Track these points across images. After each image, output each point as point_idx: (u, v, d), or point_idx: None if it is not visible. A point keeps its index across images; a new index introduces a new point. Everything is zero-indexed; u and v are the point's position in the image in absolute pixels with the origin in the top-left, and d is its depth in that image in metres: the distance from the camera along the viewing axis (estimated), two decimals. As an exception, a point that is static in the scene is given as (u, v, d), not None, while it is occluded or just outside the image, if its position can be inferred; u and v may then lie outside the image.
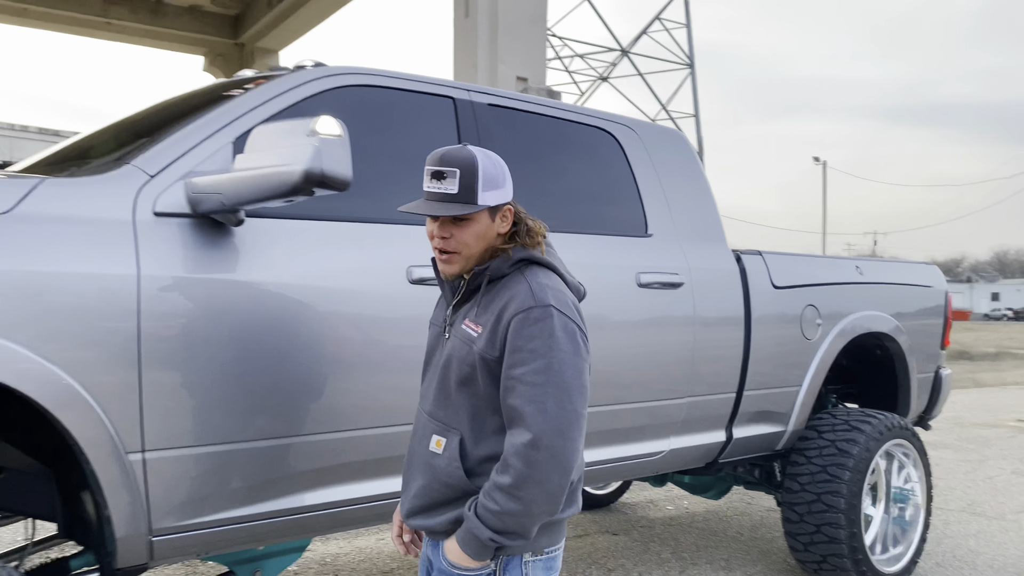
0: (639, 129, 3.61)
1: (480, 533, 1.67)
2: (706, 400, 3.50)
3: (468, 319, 1.79)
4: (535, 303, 1.70)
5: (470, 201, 1.73)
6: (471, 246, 1.77)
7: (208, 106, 2.51)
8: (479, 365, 1.73)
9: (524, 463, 1.63)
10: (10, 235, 1.92)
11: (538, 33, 8.18)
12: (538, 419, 1.64)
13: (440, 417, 1.82)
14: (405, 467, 1.93)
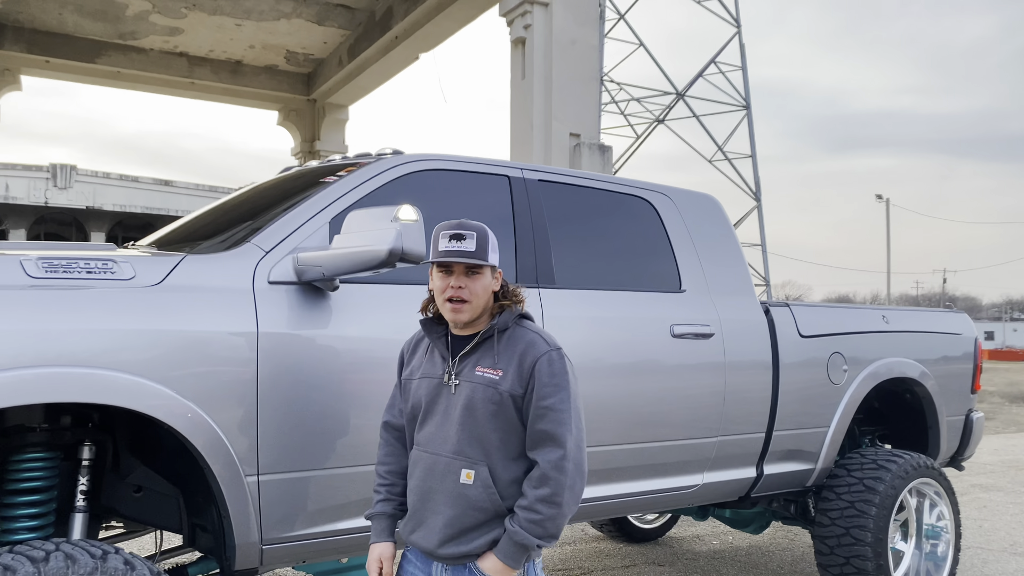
0: (673, 196, 4.05)
1: (528, 542, 2.06)
2: (737, 439, 3.87)
3: (482, 366, 2.16)
4: (550, 348, 2.15)
5: (483, 258, 2.15)
6: (480, 296, 2.16)
7: (307, 190, 3.05)
8: (507, 401, 2.12)
9: (560, 474, 2.06)
10: (161, 301, 2.46)
11: (590, 92, 8.70)
12: (567, 438, 2.09)
13: (467, 454, 2.13)
14: (418, 505, 2.20)
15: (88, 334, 2.32)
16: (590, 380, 3.35)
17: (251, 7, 12.10)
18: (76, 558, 2.19)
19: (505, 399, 2.11)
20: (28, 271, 2.35)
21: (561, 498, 2.06)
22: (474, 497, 2.12)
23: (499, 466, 2.13)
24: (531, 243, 3.39)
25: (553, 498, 2.06)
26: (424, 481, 2.20)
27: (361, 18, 12.59)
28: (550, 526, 2.07)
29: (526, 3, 8.56)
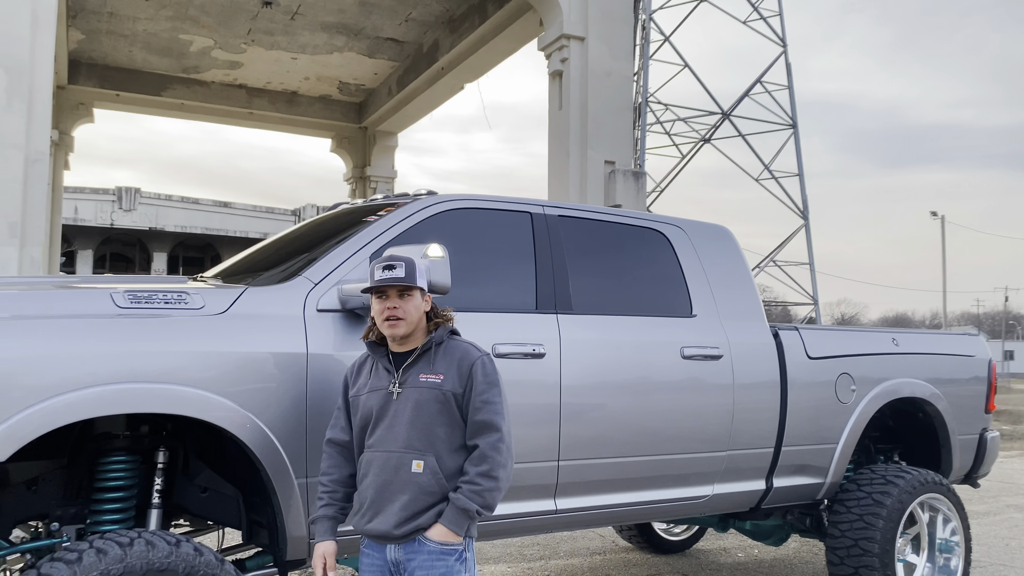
0: (686, 227, 4.38)
1: (469, 508, 2.49)
2: (745, 453, 4.16)
3: (424, 373, 2.61)
4: (482, 354, 2.67)
5: (412, 282, 2.61)
6: (412, 313, 2.62)
7: (351, 227, 3.48)
8: (450, 399, 2.59)
9: (497, 453, 2.53)
10: (226, 327, 2.90)
11: (624, 121, 9.05)
12: (502, 426, 2.58)
13: (416, 447, 2.56)
14: (375, 497, 2.57)
15: (165, 355, 2.76)
16: (603, 397, 3.70)
17: (306, 42, 12.77)
18: (155, 544, 2.62)
19: (448, 397, 2.59)
20: (117, 302, 2.81)
21: (498, 473, 2.52)
22: (424, 483, 2.54)
23: (444, 456, 2.58)
24: (550, 273, 3.76)
25: (491, 472, 2.52)
26: (379, 476, 2.59)
27: (409, 50, 13.17)
28: (488, 496, 2.51)
29: (563, 38, 8.98)
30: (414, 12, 11.73)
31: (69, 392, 2.59)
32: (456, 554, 2.53)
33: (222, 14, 11.78)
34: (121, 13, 11.81)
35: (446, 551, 2.51)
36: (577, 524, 3.85)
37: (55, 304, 2.77)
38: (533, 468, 3.51)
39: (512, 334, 3.51)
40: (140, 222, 41.62)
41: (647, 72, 26.92)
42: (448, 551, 2.52)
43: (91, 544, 2.55)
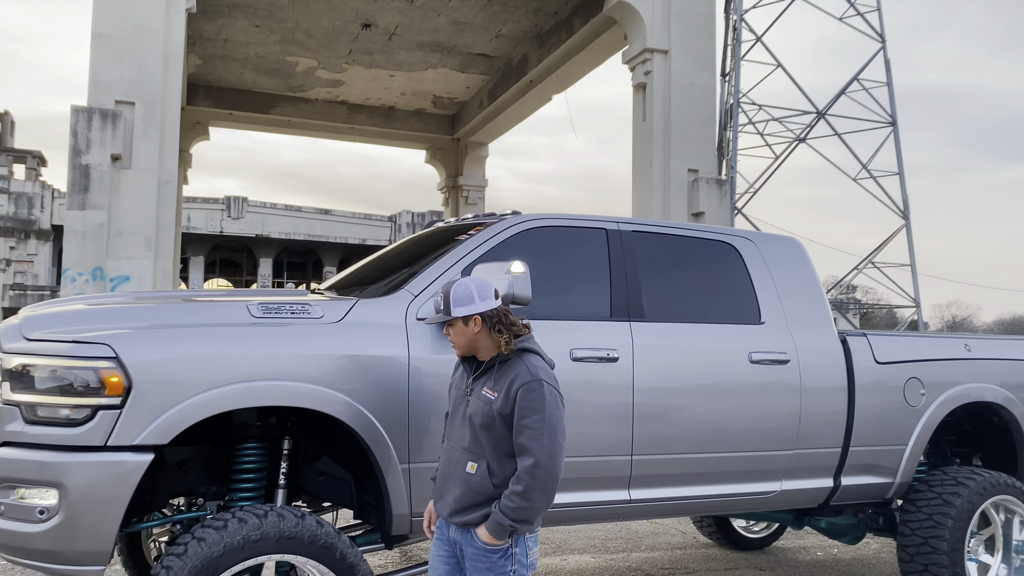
0: (757, 240, 4.66)
1: (503, 522, 2.76)
2: (812, 452, 4.41)
3: (486, 387, 2.83)
4: (531, 378, 2.76)
5: (448, 314, 2.89)
6: (458, 340, 2.91)
7: (445, 245, 3.94)
8: (497, 418, 2.77)
9: (531, 477, 2.71)
10: (341, 334, 3.40)
11: (708, 130, 9.27)
12: (538, 450, 2.70)
13: (472, 450, 2.84)
14: (439, 483, 2.93)
15: (291, 358, 3.27)
16: (673, 397, 4.04)
17: (403, 60, 13.47)
18: (285, 516, 3.13)
19: (496, 415, 2.79)
20: (252, 312, 3.35)
21: (530, 495, 2.70)
22: (474, 483, 2.83)
23: (494, 463, 2.83)
24: (624, 283, 4.13)
25: (524, 494, 2.71)
26: (445, 466, 2.96)
27: (500, 65, 13.69)
28: (521, 513, 2.73)
29: (646, 52, 9.28)
30: (504, 29, 12.23)
31: (214, 388, 3.12)
32: (500, 552, 2.82)
33: (325, 37, 12.58)
34: (234, 39, 12.77)
35: (491, 549, 2.82)
36: (650, 514, 4.19)
37: (203, 314, 3.34)
38: (607, 461, 3.88)
39: (588, 340, 3.89)
40: (247, 229, 43.88)
41: (738, 73, 26.66)
42: (493, 550, 2.82)
43: (234, 515, 3.09)
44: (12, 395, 3.08)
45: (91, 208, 7.05)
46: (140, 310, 3.36)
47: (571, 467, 3.81)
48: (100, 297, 3.80)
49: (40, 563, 3.03)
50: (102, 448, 2.97)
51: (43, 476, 2.95)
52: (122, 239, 7.17)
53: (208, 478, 3.66)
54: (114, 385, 2.99)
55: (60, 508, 2.93)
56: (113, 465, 2.97)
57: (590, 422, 3.84)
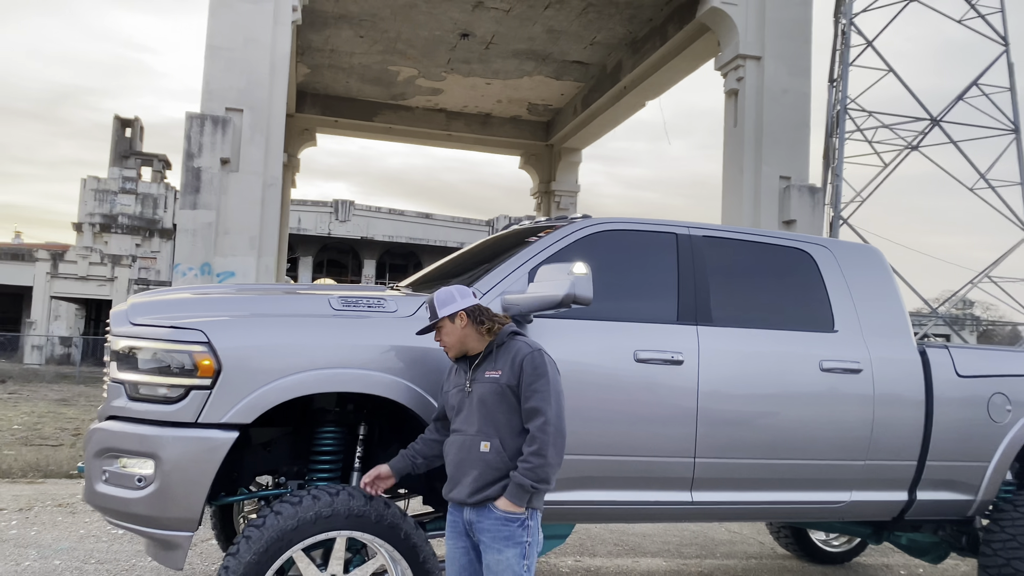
0: (833, 247, 4.62)
1: (524, 483, 2.96)
2: (885, 464, 4.33)
3: (488, 371, 3.13)
4: (532, 349, 3.12)
5: (435, 317, 3.21)
6: (449, 340, 3.22)
7: (515, 247, 4.10)
8: (506, 390, 3.08)
9: (543, 434, 2.96)
10: (413, 327, 3.60)
11: (801, 137, 9.10)
12: (547, 409, 3.01)
13: (485, 432, 3.08)
14: (453, 472, 3.15)
15: (367, 348, 3.50)
16: (739, 402, 4.06)
17: (499, 68, 13.75)
18: (354, 496, 3.35)
19: (504, 389, 3.10)
20: (332, 305, 3.60)
21: (546, 451, 2.97)
22: (491, 460, 3.07)
23: (507, 438, 3.09)
24: (692, 287, 4.18)
25: (539, 451, 2.97)
26: (458, 454, 3.16)
27: (594, 72, 13.79)
28: (539, 472, 2.97)
29: (739, 58, 9.20)
30: (598, 36, 12.33)
31: (294, 374, 3.38)
32: (518, 522, 3.02)
33: (425, 47, 13.00)
34: (340, 49, 13.36)
35: (509, 518, 3.02)
36: (712, 516, 4.23)
37: (288, 305, 3.61)
38: (669, 462, 3.94)
39: (653, 342, 3.96)
40: (353, 232, 45.43)
41: (846, 79, 25.81)
42: (511, 518, 3.02)
43: (309, 492, 3.33)
44: (118, 374, 3.43)
45: (201, 208, 7.59)
46: (233, 300, 3.66)
47: (633, 466, 3.90)
48: (204, 287, 4.14)
49: (137, 526, 3.36)
50: (193, 424, 3.27)
51: (142, 448, 3.27)
52: (228, 237, 7.68)
53: (290, 458, 3.93)
54: (205, 367, 3.28)
55: (156, 477, 3.24)
56: (202, 440, 3.26)
57: (652, 423, 3.91)
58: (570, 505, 3.85)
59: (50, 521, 6.26)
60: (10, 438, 11.67)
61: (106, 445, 3.35)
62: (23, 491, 7.47)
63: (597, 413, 3.83)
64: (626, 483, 3.92)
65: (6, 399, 18.59)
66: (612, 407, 3.86)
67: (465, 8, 11.57)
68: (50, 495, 7.30)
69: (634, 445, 3.89)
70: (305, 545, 3.29)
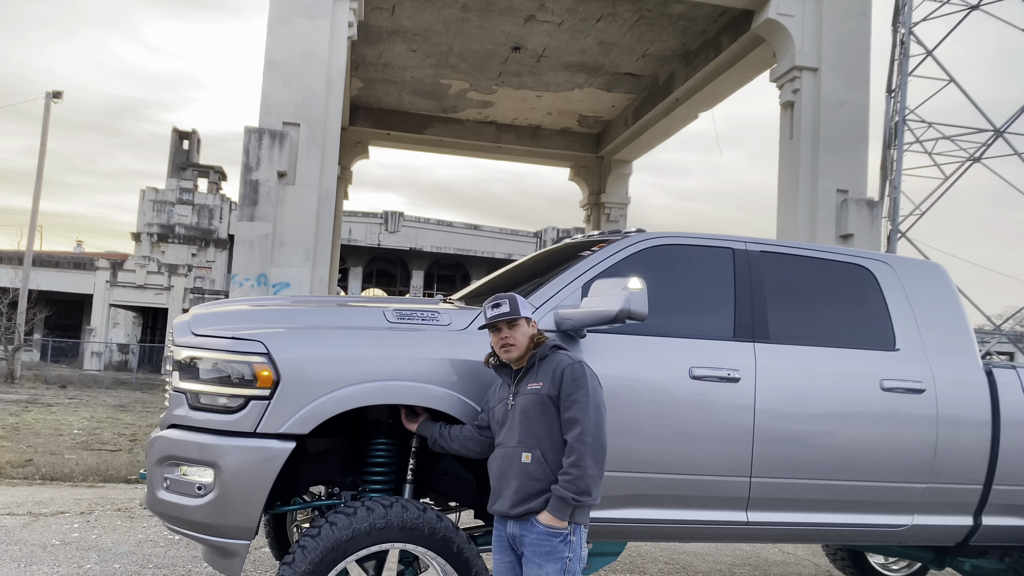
0: (895, 264, 4.51)
1: (565, 495, 2.94)
2: (948, 487, 4.19)
3: (530, 384, 3.16)
4: (573, 362, 3.16)
5: (517, 314, 3.21)
6: (520, 339, 3.23)
7: (568, 261, 4.08)
8: (547, 401, 3.10)
9: (581, 444, 2.96)
10: (467, 340, 3.61)
11: (859, 150, 8.91)
12: (585, 419, 3.02)
13: (526, 443, 3.10)
14: (496, 483, 3.19)
15: (421, 361, 3.52)
16: (797, 421, 3.98)
17: (550, 81, 13.79)
18: (408, 508, 3.37)
19: (545, 400, 3.09)
20: (388, 318, 3.63)
21: (584, 462, 2.96)
22: (532, 471, 3.09)
23: (548, 449, 3.11)
24: (748, 304, 4.11)
25: (578, 462, 2.97)
26: (500, 466, 3.18)
27: (646, 83, 13.73)
28: (579, 483, 2.96)
29: (795, 69, 9.07)
30: (651, 48, 12.28)
31: (350, 386, 3.41)
32: (561, 536, 3.01)
33: (477, 60, 13.10)
34: (393, 63, 13.54)
35: (552, 533, 3.00)
36: (768, 537, 4.14)
37: (345, 317, 3.66)
38: (724, 481, 3.88)
39: (708, 359, 3.91)
40: (402, 243, 45.92)
41: (905, 89, 25.25)
42: (554, 533, 3.00)
43: (363, 503, 3.36)
44: (180, 383, 3.51)
45: (258, 220, 7.74)
46: (292, 312, 3.72)
47: (687, 484, 3.84)
48: (262, 299, 4.21)
49: (196, 534, 3.42)
50: (252, 434, 3.32)
51: (202, 456, 3.34)
52: (284, 249, 7.82)
53: (344, 469, 3.97)
54: (265, 378, 3.34)
55: (215, 485, 3.30)
56: (261, 450, 3.31)
57: (707, 441, 3.85)
58: (623, 523, 3.80)
59: (110, 525, 6.42)
60: (71, 442, 12.03)
61: (167, 453, 3.42)
62: (84, 495, 7.68)
63: (651, 430, 3.79)
64: (680, 501, 3.87)
65: (67, 404, 19.17)
66: (667, 424, 3.82)
67: (517, 22, 11.63)
68: (110, 499, 7.49)
69: (689, 463, 3.84)
70: (359, 556, 3.31)
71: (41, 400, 19.79)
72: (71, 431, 13.60)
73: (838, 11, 9.05)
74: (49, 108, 28.04)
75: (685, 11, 10.83)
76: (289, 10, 8.11)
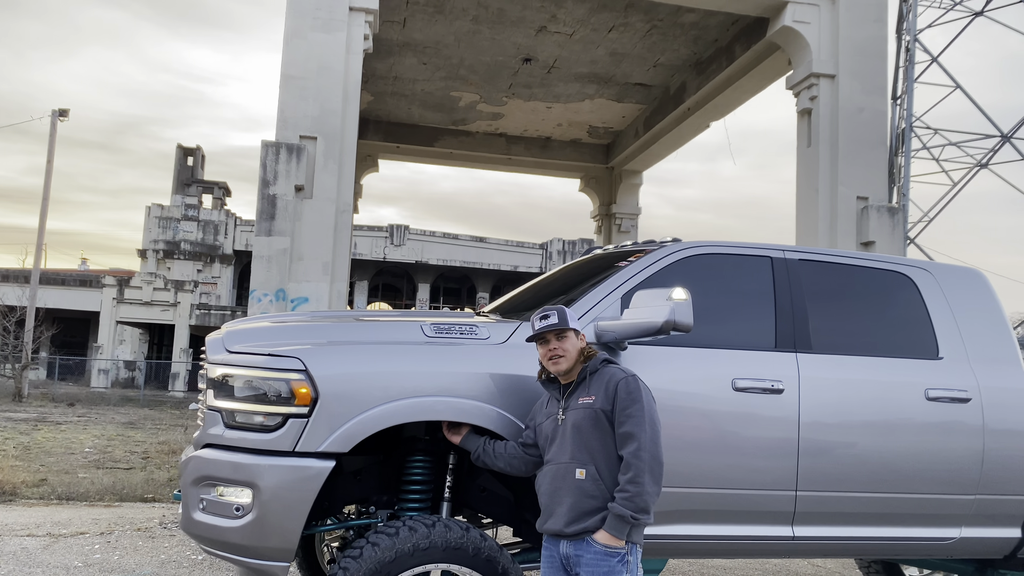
0: (935, 271, 4.42)
1: (623, 514, 2.84)
2: (997, 499, 4.09)
3: (581, 398, 3.06)
4: (627, 375, 3.08)
5: (566, 325, 3.13)
6: (569, 351, 3.14)
7: (604, 271, 4.01)
8: (600, 416, 3.01)
9: (638, 460, 2.86)
10: (506, 354, 3.53)
11: (878, 156, 8.85)
12: (641, 434, 2.88)
13: (579, 459, 3.00)
14: (547, 501, 3.09)
15: (461, 375, 3.44)
16: (842, 433, 3.89)
17: (560, 92, 13.76)
18: (451, 528, 3.28)
19: (599, 414, 3.00)
20: (425, 332, 3.55)
21: (642, 478, 2.85)
22: (587, 488, 2.97)
23: (603, 465, 2.97)
24: (789, 313, 4.03)
25: (635, 479, 2.86)
26: (552, 483, 3.07)
27: (656, 93, 13.70)
28: (638, 500, 2.86)
29: (812, 76, 9.01)
30: (662, 58, 12.25)
31: (391, 402, 3.33)
32: (618, 556, 2.91)
33: (487, 72, 13.08)
34: (403, 76, 13.52)
35: (609, 553, 2.90)
36: (815, 552, 4.05)
37: (382, 333, 3.58)
38: (769, 496, 3.78)
39: (751, 370, 3.82)
40: (408, 256, 45.88)
41: (911, 96, 25.20)
42: (611, 553, 2.90)
43: (405, 523, 3.27)
44: (215, 402, 3.42)
45: (276, 235, 7.68)
46: (328, 327, 3.65)
47: (730, 499, 3.75)
48: (282, 316, 4.12)
49: (234, 556, 3.33)
50: (291, 453, 3.24)
51: (240, 476, 3.25)
52: (302, 263, 7.75)
53: (380, 487, 3.88)
54: (303, 396, 3.26)
55: (253, 506, 3.21)
56: (300, 469, 3.22)
57: (752, 455, 3.77)
58: (666, 539, 3.71)
59: (131, 546, 6.33)
60: (84, 461, 11.94)
61: (203, 473, 3.34)
62: (101, 515, 7.59)
63: (694, 444, 3.70)
64: (725, 517, 3.77)
65: (76, 422, 19.09)
66: (709, 437, 3.73)
67: (528, 33, 11.61)
68: (128, 519, 7.40)
69: (733, 477, 3.75)
70: (401, 578, 3.22)
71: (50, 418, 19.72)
72: (82, 449, 13.52)
73: (854, 17, 9.00)
74: (55, 126, 28.13)
75: (697, 20, 10.79)
76: (305, 24, 8.08)
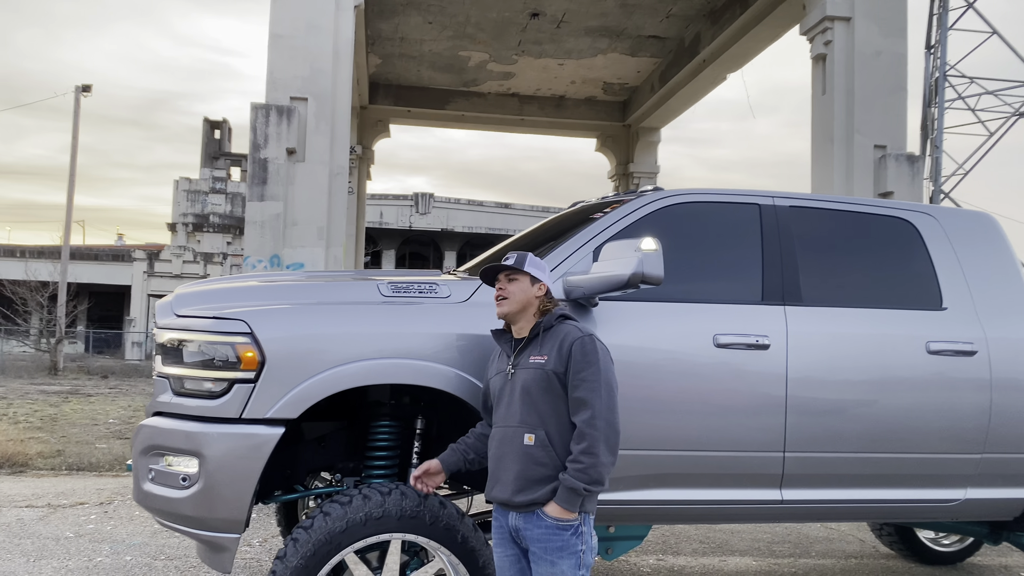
0: (939, 215, 4.11)
1: (576, 486, 2.61)
2: (1005, 458, 3.82)
3: (532, 356, 2.80)
4: (583, 334, 2.78)
5: (520, 267, 2.88)
6: (516, 294, 2.88)
7: (580, 225, 3.77)
8: (552, 377, 2.74)
9: (593, 429, 2.62)
10: (467, 314, 3.33)
11: (897, 102, 8.41)
12: (596, 402, 2.63)
13: (528, 422, 2.74)
14: (494, 467, 2.84)
15: (418, 336, 3.25)
16: (834, 390, 3.64)
17: (571, 47, 13.36)
18: (407, 495, 3.11)
19: (551, 376, 2.73)
20: (382, 291, 3.36)
21: (596, 448, 2.62)
22: (535, 454, 2.73)
23: (553, 431, 2.73)
24: (778, 264, 3.76)
25: (589, 449, 2.63)
26: (499, 448, 2.83)
27: (671, 46, 13.24)
28: (592, 472, 2.62)
29: (826, 20, 8.56)
30: (675, 8, 11.80)
31: (341, 366, 3.15)
32: (572, 529, 2.68)
33: (495, 29, 12.72)
34: (410, 37, 13.22)
35: (562, 526, 2.68)
36: (806, 516, 3.82)
37: (336, 293, 3.39)
38: (755, 457, 3.56)
39: (734, 325, 3.58)
40: (433, 224, 45.73)
41: (945, 44, 24.27)
42: (564, 526, 2.68)
43: (361, 491, 3.11)
44: (163, 368, 3.28)
45: (269, 199, 7.52)
46: (279, 288, 3.46)
47: (714, 462, 3.54)
48: (235, 277, 3.92)
49: (184, 527, 3.20)
50: (237, 420, 3.08)
51: (186, 445, 3.11)
52: (296, 228, 7.59)
53: (346, 454, 3.73)
54: (249, 360, 3.09)
55: (200, 476, 3.07)
56: (246, 437, 3.07)
57: (735, 414, 3.54)
58: (647, 505, 3.51)
59: (127, 515, 6.30)
60: (105, 431, 12.05)
61: (152, 442, 3.20)
62: (106, 484, 7.59)
63: (674, 404, 3.48)
64: (708, 480, 3.56)
65: (106, 394, 19.35)
66: (690, 397, 3.50)
67: (534, -14, 11.23)
68: (131, 488, 7.39)
69: (716, 439, 3.53)
70: (356, 548, 3.07)
71: (82, 391, 20.03)
72: (107, 420, 13.66)
73: (871, -45, 8.51)
74: (79, 102, 28.24)
75: (709, -34, 10.33)
76: (292, -20, 7.82)
